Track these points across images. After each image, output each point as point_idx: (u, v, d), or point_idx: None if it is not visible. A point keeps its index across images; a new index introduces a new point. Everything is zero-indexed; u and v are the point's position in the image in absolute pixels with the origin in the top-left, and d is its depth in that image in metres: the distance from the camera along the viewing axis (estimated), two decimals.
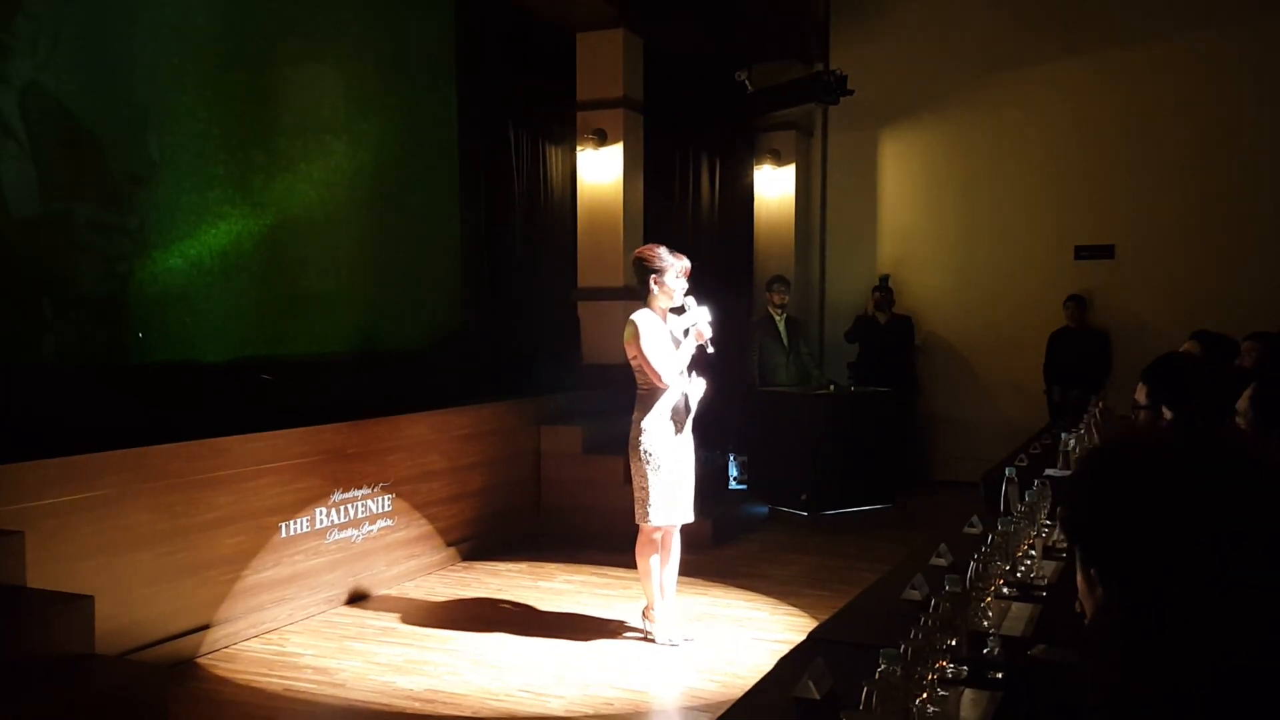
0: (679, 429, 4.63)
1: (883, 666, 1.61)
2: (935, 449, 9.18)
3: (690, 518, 4.73)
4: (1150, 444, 1.23)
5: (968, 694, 1.94)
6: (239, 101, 5.59)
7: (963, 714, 1.86)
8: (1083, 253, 8.69)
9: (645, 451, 4.56)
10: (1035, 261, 8.82)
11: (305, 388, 5.69)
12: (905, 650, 1.71)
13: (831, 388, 8.01)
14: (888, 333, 8.85)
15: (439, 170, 7.06)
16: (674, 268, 4.57)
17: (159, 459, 4.38)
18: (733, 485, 7.92)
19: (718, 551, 6.37)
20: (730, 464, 7.93)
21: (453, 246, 7.14)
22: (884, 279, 9.00)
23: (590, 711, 3.90)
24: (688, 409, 4.66)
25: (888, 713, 1.55)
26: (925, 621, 1.87)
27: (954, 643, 2.01)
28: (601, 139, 7.56)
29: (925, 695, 1.77)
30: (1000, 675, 2.05)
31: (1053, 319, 8.56)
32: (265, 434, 4.91)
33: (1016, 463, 4.44)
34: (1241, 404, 2.41)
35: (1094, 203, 8.62)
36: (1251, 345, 4.53)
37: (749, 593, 5.50)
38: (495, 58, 7.27)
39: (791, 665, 2.10)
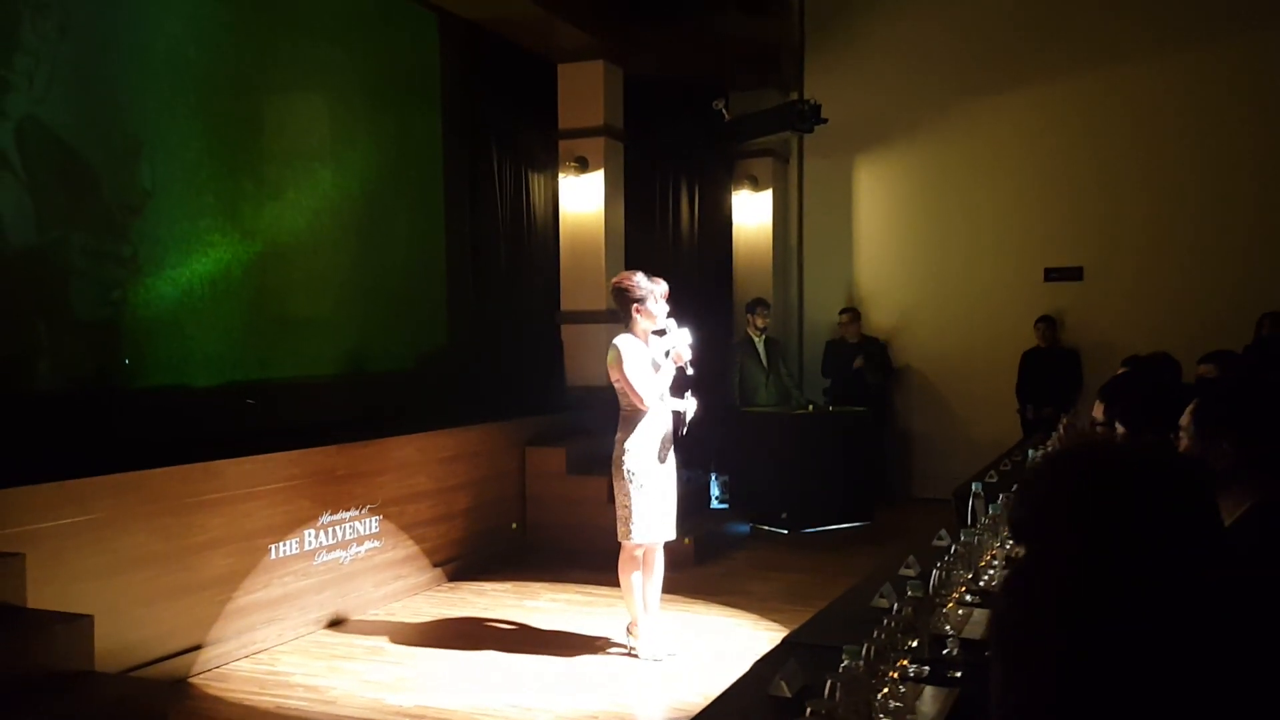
0: (664, 450, 4.78)
1: (845, 662, 1.75)
2: (912, 467, 9.34)
3: (672, 535, 4.86)
4: (1082, 450, 1.34)
5: (928, 690, 2.08)
6: (229, 131, 5.73)
7: (922, 708, 2.01)
8: (1052, 274, 8.90)
9: (628, 470, 4.70)
10: (1007, 283, 9.02)
11: (295, 410, 5.81)
12: (868, 649, 1.86)
13: (811, 408, 8.17)
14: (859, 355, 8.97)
15: (424, 196, 7.21)
16: (653, 293, 4.74)
17: (154, 482, 4.48)
18: (714, 504, 8.04)
19: (700, 569, 6.49)
20: (712, 483, 8.04)
21: (438, 271, 7.28)
22: (852, 309, 9.16)
23: None
24: (679, 429, 4.82)
25: (850, 704, 1.69)
26: (888, 623, 2.01)
27: (916, 644, 2.16)
28: (583, 166, 7.72)
29: (887, 690, 1.91)
30: (959, 674, 2.19)
31: (1024, 339, 8.76)
32: (256, 457, 5.01)
33: (986, 479, 4.60)
34: (1184, 419, 2.49)
35: (1063, 225, 8.84)
36: (1210, 367, 4.64)
37: (731, 609, 5.62)
38: (479, 87, 7.45)
39: (767, 666, 2.24)
